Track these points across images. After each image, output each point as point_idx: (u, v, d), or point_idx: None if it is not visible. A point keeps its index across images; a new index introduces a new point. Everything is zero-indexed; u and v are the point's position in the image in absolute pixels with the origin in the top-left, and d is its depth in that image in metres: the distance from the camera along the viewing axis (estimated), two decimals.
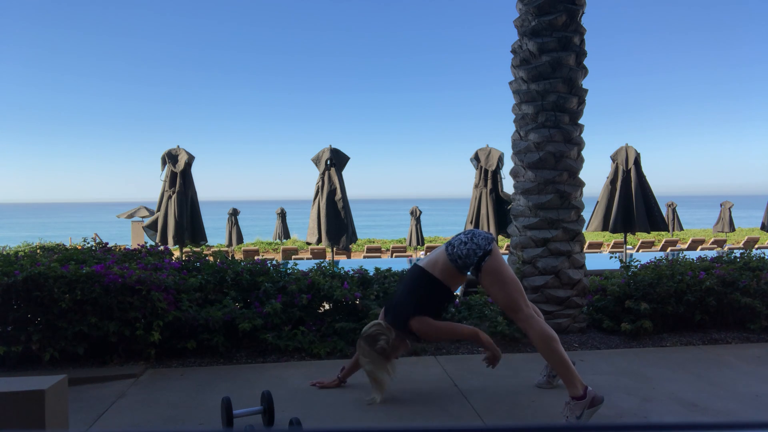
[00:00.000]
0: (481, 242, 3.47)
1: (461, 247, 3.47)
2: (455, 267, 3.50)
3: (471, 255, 3.44)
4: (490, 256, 3.43)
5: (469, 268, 3.49)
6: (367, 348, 3.55)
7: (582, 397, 3.17)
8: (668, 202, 19.89)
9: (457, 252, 3.48)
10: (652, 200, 9.23)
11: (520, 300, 3.41)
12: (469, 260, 3.45)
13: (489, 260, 3.43)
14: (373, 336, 3.57)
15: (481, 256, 3.43)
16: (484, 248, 3.44)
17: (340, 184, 8.94)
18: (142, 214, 17.71)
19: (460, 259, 3.47)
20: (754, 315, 5.28)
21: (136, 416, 3.47)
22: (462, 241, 3.50)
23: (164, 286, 4.50)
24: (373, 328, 3.61)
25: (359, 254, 19.47)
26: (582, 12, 5.31)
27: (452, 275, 3.54)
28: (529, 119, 5.39)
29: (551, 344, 3.28)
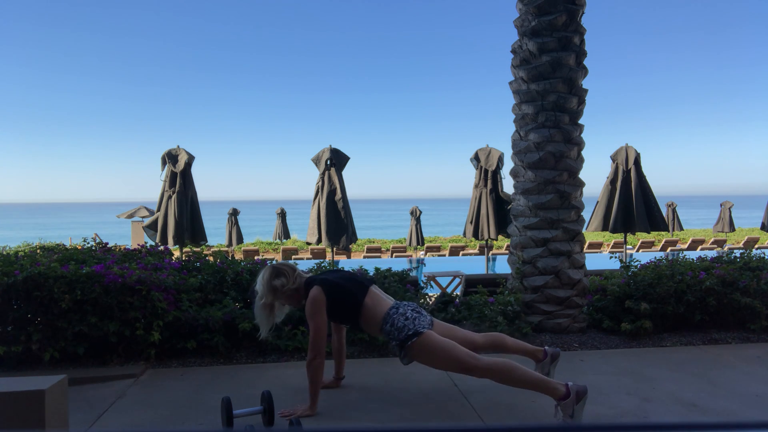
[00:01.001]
0: (419, 324, 3.38)
1: (400, 319, 3.41)
2: (380, 327, 3.47)
3: (402, 330, 3.36)
4: (419, 337, 3.32)
5: (391, 339, 3.42)
6: (267, 276, 3.59)
7: (566, 395, 3.17)
8: (668, 202, 19.89)
9: (394, 318, 3.42)
10: (652, 200, 9.23)
11: (463, 358, 3.28)
12: (397, 334, 3.37)
13: (416, 340, 3.32)
14: (278, 270, 3.61)
15: (410, 335, 3.33)
16: (416, 329, 3.34)
17: (340, 184, 8.94)
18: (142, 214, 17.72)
19: (389, 326, 3.42)
20: (754, 315, 5.28)
21: (136, 416, 3.47)
22: (406, 315, 3.43)
23: (164, 286, 4.50)
24: (284, 265, 3.67)
25: (359, 254, 19.48)
26: (582, 12, 5.31)
27: (372, 323, 3.51)
28: (529, 119, 5.39)
29: (512, 375, 3.24)
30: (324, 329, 3.50)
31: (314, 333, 3.47)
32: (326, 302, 3.49)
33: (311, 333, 3.48)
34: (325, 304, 3.49)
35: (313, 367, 3.45)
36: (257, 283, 3.63)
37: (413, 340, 3.33)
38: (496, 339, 3.77)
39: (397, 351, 3.45)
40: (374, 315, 3.50)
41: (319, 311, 3.48)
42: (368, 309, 3.51)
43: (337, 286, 3.55)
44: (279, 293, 3.59)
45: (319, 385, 3.49)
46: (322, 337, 3.47)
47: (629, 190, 9.23)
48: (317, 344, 3.46)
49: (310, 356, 3.46)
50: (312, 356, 3.45)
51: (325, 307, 3.49)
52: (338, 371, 3.96)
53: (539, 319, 5.24)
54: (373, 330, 3.57)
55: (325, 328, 3.51)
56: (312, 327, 3.48)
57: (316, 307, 3.47)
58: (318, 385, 3.48)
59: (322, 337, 3.47)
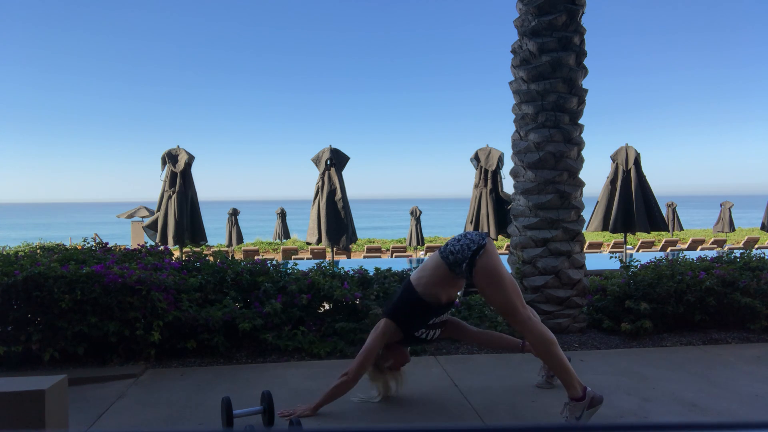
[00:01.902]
0: (475, 237, 3.36)
1: (455, 244, 3.38)
2: (447, 265, 3.36)
3: (464, 249, 3.32)
4: (485, 251, 3.29)
5: (461, 264, 3.31)
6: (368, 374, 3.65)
7: (581, 398, 3.16)
8: (668, 202, 19.89)
9: (450, 248, 3.38)
10: (652, 200, 9.23)
11: (517, 302, 3.28)
12: (462, 254, 3.30)
13: (483, 256, 3.27)
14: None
15: (475, 250, 3.28)
16: (478, 242, 3.32)
17: (340, 184, 8.94)
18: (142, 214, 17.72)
19: (452, 255, 3.34)
20: (754, 315, 5.28)
21: (136, 416, 3.47)
22: (456, 239, 3.42)
23: (164, 286, 4.50)
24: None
25: (359, 254, 19.47)
26: (582, 12, 5.31)
27: (443, 278, 3.40)
28: (529, 119, 5.39)
29: (549, 348, 3.24)
30: (374, 351, 3.51)
31: (363, 351, 3.50)
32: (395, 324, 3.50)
33: (362, 350, 3.51)
34: (388, 330, 3.51)
35: (341, 382, 3.47)
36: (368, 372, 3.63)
37: (480, 254, 3.29)
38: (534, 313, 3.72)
39: (469, 275, 3.35)
40: (430, 272, 3.43)
41: (379, 335, 3.50)
42: (421, 279, 3.45)
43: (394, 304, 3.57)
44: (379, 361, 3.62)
45: (334, 398, 3.48)
46: (368, 358, 3.49)
47: (629, 190, 9.23)
48: (359, 364, 3.47)
49: (349, 373, 3.47)
50: (348, 372, 3.47)
51: (385, 334, 3.51)
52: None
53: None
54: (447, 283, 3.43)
55: (375, 351, 3.51)
56: (365, 345, 3.52)
57: (378, 332, 3.51)
58: (333, 398, 3.48)
59: (368, 358, 3.49)
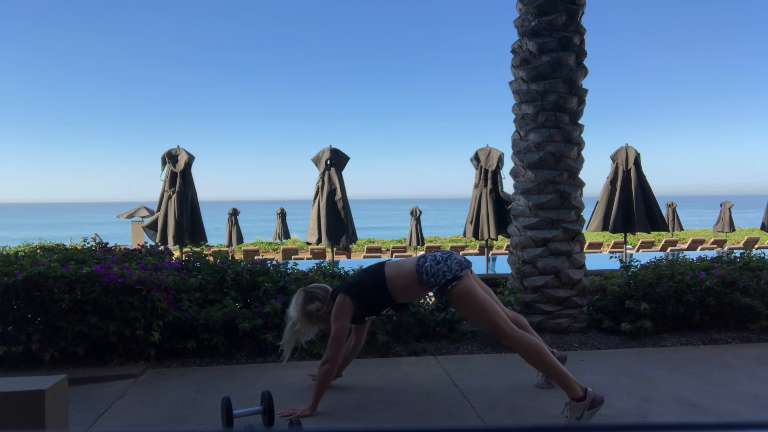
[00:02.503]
0: (454, 266, 3.35)
1: (432, 264, 3.38)
2: (418, 281, 3.41)
3: (438, 275, 3.33)
4: (458, 283, 3.31)
5: (431, 287, 3.38)
6: (301, 300, 3.60)
7: (582, 398, 3.17)
8: (668, 202, 19.88)
9: (427, 267, 3.38)
10: (652, 200, 9.23)
11: (498, 320, 3.30)
12: (435, 279, 3.34)
13: (455, 287, 3.30)
14: (312, 295, 3.62)
15: (449, 280, 3.31)
16: (454, 273, 3.32)
17: (340, 184, 8.93)
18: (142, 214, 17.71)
19: (426, 275, 3.37)
20: (754, 315, 5.28)
21: (136, 416, 3.47)
22: (436, 260, 3.40)
23: (164, 286, 4.50)
24: (318, 289, 3.66)
25: (359, 254, 19.47)
26: (582, 12, 5.31)
27: (410, 287, 3.45)
28: (529, 119, 5.39)
29: (539, 357, 3.27)
30: (344, 334, 3.49)
31: (333, 336, 3.47)
32: (353, 304, 3.48)
33: (331, 336, 3.48)
34: (350, 308, 3.48)
35: (324, 369, 3.45)
36: (291, 308, 3.63)
37: (453, 284, 3.30)
38: (519, 320, 3.73)
39: (438, 296, 3.40)
40: (404, 278, 3.44)
41: (341, 316, 3.47)
42: (394, 277, 3.46)
43: (355, 283, 3.56)
44: (314, 318, 3.59)
45: (324, 388, 3.48)
46: (341, 342, 3.48)
47: (629, 190, 9.23)
48: (335, 347, 3.46)
49: (326, 357, 3.47)
50: (326, 358, 3.46)
51: (348, 313, 3.48)
52: (339, 368, 3.95)
53: (539, 319, 5.24)
54: (413, 292, 3.48)
55: (345, 333, 3.50)
56: (333, 330, 3.48)
57: (339, 312, 3.48)
58: (323, 388, 3.48)
59: (341, 342, 3.48)
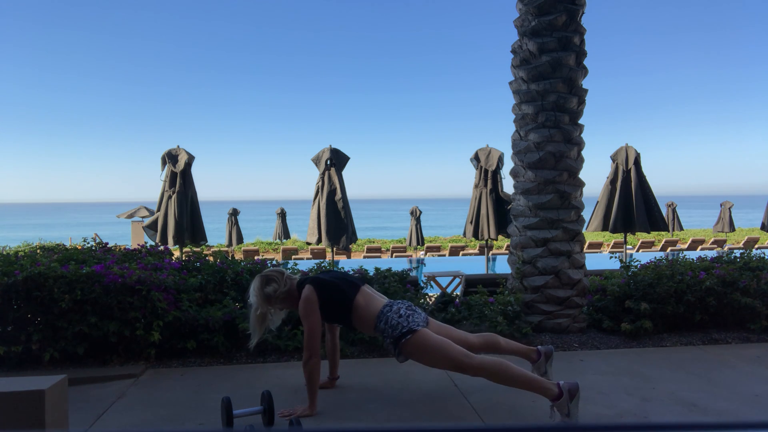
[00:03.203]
0: (413, 322, 3.38)
1: (394, 316, 3.42)
2: (374, 324, 3.48)
3: (396, 328, 3.37)
4: (412, 336, 3.34)
5: (385, 337, 3.44)
6: (258, 285, 3.61)
7: (559, 395, 3.17)
8: (668, 202, 19.89)
9: (389, 316, 3.43)
10: (652, 200, 9.23)
11: (457, 357, 3.29)
12: (390, 331, 3.39)
13: (410, 339, 3.34)
14: (267, 278, 3.63)
15: (404, 333, 3.34)
16: (410, 327, 3.35)
17: (340, 184, 8.94)
18: (142, 214, 17.72)
19: (383, 324, 3.43)
20: (754, 315, 5.28)
21: (136, 416, 3.47)
22: (399, 313, 3.44)
23: (164, 286, 4.50)
24: (272, 272, 3.67)
25: (359, 254, 19.47)
26: (582, 12, 5.31)
27: (366, 324, 3.52)
28: (529, 119, 5.39)
29: (505, 374, 3.26)
30: (318, 329, 3.50)
31: (308, 333, 3.48)
32: (318, 301, 3.50)
33: (305, 333, 3.49)
34: (317, 303, 3.50)
35: (309, 368, 3.45)
36: (250, 295, 3.64)
37: (407, 337, 3.34)
38: (489, 339, 3.79)
39: (391, 349, 3.45)
40: (367, 314, 3.51)
41: (313, 311, 3.49)
42: (360, 308, 3.52)
43: (328, 285, 3.56)
44: (273, 299, 3.60)
45: (316, 385, 3.49)
46: (316, 337, 3.48)
47: (629, 190, 9.23)
48: (311, 344, 3.47)
49: (305, 356, 3.47)
50: (307, 356, 3.46)
51: (318, 307, 3.50)
52: (332, 371, 3.96)
53: (539, 319, 5.24)
54: (367, 328, 3.57)
55: (319, 327, 3.51)
56: (306, 327, 3.49)
57: (310, 307, 3.48)
58: (315, 385, 3.48)
59: (316, 337, 3.48)
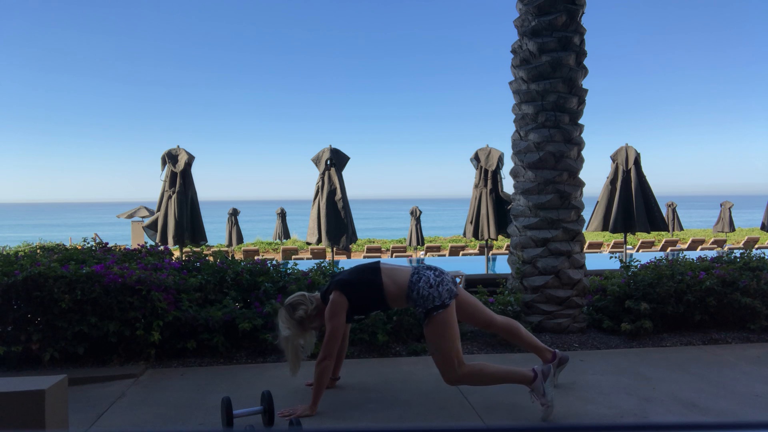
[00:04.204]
0: (444, 293, 3.39)
1: (425, 287, 3.40)
2: (406, 295, 3.46)
3: (428, 300, 3.37)
4: (443, 311, 3.37)
5: (417, 307, 3.43)
6: (286, 315, 3.61)
7: (535, 377, 3.33)
8: (668, 202, 19.88)
9: (420, 287, 3.41)
10: (652, 200, 9.23)
11: (454, 358, 3.37)
12: (422, 302, 3.38)
13: (440, 314, 3.37)
14: (293, 305, 3.63)
15: (437, 306, 3.36)
16: (443, 300, 3.37)
17: (340, 184, 8.93)
18: (142, 214, 17.71)
19: (416, 294, 3.41)
20: (754, 315, 5.28)
21: (136, 416, 3.47)
22: (429, 283, 3.41)
23: (164, 286, 4.50)
24: (295, 297, 3.68)
25: (359, 254, 19.47)
26: (582, 12, 5.31)
27: (398, 298, 3.51)
28: (529, 119, 5.39)
29: (484, 377, 3.41)
30: (340, 332, 3.52)
31: (329, 334, 3.48)
32: (348, 302, 3.50)
33: (327, 334, 3.49)
34: (345, 306, 3.50)
35: (321, 368, 3.47)
36: (280, 330, 3.63)
37: (439, 311, 3.36)
38: (512, 326, 3.79)
39: (422, 318, 3.46)
40: (397, 289, 3.51)
41: (338, 314, 3.49)
42: (389, 286, 3.52)
43: (353, 282, 3.57)
44: (306, 321, 3.61)
45: (323, 386, 3.50)
46: (336, 339, 3.50)
47: (629, 190, 9.22)
48: (330, 346, 3.48)
49: (321, 356, 3.48)
50: (322, 356, 3.47)
51: (344, 310, 3.51)
52: (334, 371, 3.97)
53: (539, 319, 5.24)
54: (401, 303, 3.56)
55: (341, 331, 3.52)
56: (329, 328, 3.49)
57: (336, 310, 3.49)
58: (323, 386, 3.49)
59: (336, 339, 3.50)
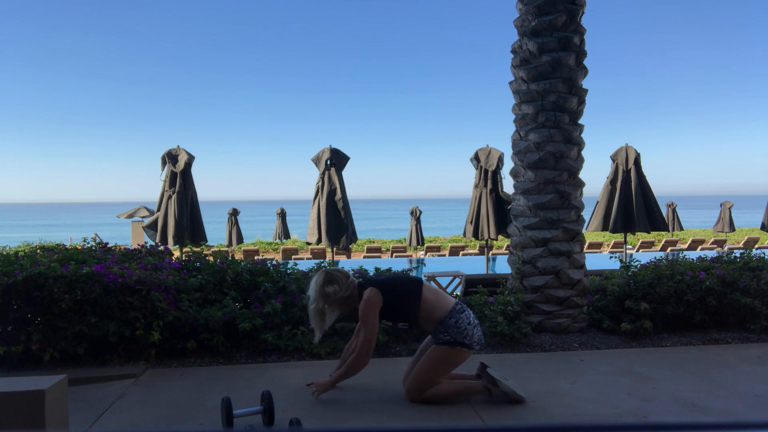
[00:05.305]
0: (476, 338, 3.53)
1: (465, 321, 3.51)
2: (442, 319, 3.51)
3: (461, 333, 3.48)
4: (463, 350, 3.50)
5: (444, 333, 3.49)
6: (319, 280, 3.61)
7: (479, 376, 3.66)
8: (668, 202, 19.88)
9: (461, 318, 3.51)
10: (652, 200, 9.23)
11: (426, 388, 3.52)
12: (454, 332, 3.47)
13: (458, 350, 3.49)
14: (331, 278, 3.61)
15: (464, 344, 3.49)
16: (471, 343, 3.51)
17: (340, 184, 8.93)
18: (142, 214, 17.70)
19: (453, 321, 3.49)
20: (754, 315, 5.28)
21: (136, 416, 3.47)
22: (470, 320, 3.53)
23: (164, 286, 4.50)
24: (337, 273, 3.67)
25: (359, 254, 19.47)
26: (582, 12, 5.31)
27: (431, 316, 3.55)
28: (529, 119, 5.39)
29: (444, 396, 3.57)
30: (376, 332, 3.53)
31: (367, 335, 3.49)
32: (383, 304, 3.51)
33: (366, 334, 3.49)
34: (379, 305, 3.51)
35: (354, 364, 3.51)
36: (310, 287, 3.65)
37: (459, 347, 3.47)
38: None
39: (437, 339, 3.51)
40: (438, 307, 3.54)
41: (373, 312, 3.50)
42: (430, 302, 3.56)
43: (391, 285, 3.58)
44: (330, 300, 3.61)
45: (347, 377, 3.60)
46: (374, 340, 3.52)
47: (629, 190, 9.23)
48: (368, 346, 3.50)
49: (360, 356, 3.49)
50: (359, 354, 3.50)
51: (378, 310, 3.51)
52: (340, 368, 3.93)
53: (539, 319, 5.24)
54: (432, 323, 3.57)
55: (376, 331, 3.53)
56: (366, 329, 3.50)
57: (371, 308, 3.49)
58: (347, 377, 3.60)
59: (374, 340, 3.52)
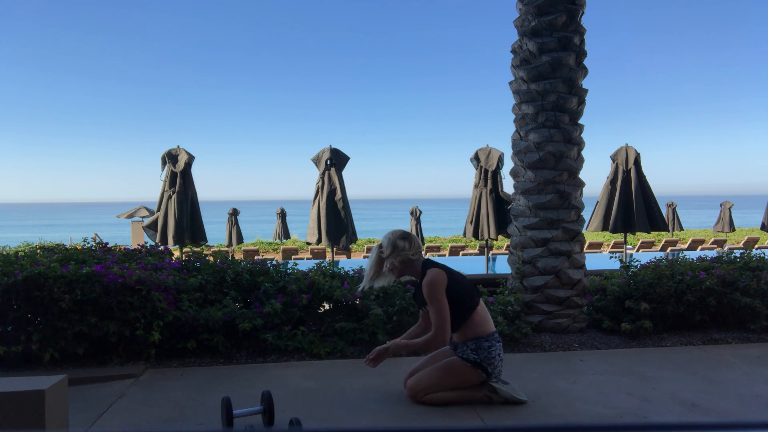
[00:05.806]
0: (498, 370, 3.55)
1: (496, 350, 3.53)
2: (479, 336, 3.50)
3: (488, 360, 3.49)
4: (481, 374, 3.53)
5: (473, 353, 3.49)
6: (396, 233, 3.61)
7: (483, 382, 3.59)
8: (668, 202, 19.89)
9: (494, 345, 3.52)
10: (652, 200, 9.23)
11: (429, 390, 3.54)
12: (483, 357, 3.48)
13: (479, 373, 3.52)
14: (408, 234, 3.62)
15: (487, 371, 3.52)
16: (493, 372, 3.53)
17: (340, 184, 8.94)
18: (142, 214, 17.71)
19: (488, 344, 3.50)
20: (754, 315, 5.28)
21: (136, 416, 3.47)
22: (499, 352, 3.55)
23: (164, 286, 4.50)
24: (413, 236, 3.64)
25: (359, 254, 19.47)
26: (582, 12, 5.31)
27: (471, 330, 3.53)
28: (529, 119, 5.39)
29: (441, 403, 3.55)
30: (447, 310, 3.40)
31: (440, 313, 3.38)
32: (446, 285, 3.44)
33: (437, 313, 3.38)
34: (445, 284, 3.43)
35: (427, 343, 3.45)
36: (384, 238, 3.63)
37: (481, 371, 3.49)
38: None
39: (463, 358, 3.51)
40: (483, 324, 3.54)
41: (442, 293, 3.40)
42: (479, 316, 3.54)
43: (459, 282, 3.54)
44: (396, 253, 3.54)
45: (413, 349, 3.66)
46: (447, 318, 3.39)
47: (629, 190, 9.23)
48: (444, 326, 3.39)
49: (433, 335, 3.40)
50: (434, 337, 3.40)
51: (445, 290, 3.42)
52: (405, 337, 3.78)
53: (539, 319, 5.24)
54: (465, 336, 3.54)
55: (448, 309, 3.40)
56: (436, 308, 3.39)
57: (439, 288, 3.41)
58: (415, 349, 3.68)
59: (447, 318, 3.39)
